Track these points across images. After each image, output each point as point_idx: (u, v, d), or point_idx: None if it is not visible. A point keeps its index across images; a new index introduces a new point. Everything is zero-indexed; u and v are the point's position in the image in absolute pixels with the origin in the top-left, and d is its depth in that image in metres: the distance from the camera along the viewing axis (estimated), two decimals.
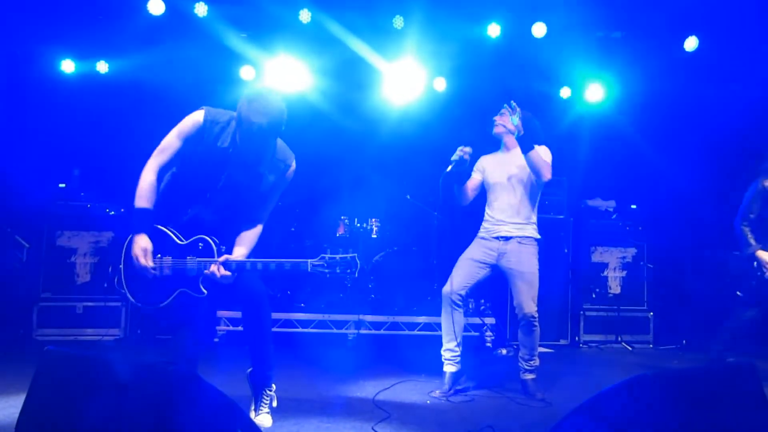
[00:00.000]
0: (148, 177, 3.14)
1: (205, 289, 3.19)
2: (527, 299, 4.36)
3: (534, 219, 4.50)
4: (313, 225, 6.68)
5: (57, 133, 6.75)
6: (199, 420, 1.76)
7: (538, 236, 4.49)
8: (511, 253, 4.39)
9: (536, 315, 4.37)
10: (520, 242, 4.40)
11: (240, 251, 3.29)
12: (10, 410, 3.61)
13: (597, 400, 1.89)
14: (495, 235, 4.46)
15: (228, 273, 3.15)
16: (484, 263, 4.45)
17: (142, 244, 3.09)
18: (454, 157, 4.29)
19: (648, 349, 6.80)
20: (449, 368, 4.46)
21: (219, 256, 3.19)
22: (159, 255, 3.18)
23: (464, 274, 4.44)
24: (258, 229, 3.40)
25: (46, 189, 6.44)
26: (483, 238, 4.52)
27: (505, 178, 4.48)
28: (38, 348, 5.72)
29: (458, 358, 4.47)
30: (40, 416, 1.92)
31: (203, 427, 1.78)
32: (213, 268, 3.13)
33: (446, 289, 4.46)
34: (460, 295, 4.42)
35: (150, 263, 3.11)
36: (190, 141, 3.20)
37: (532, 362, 4.46)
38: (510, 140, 4.53)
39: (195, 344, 3.34)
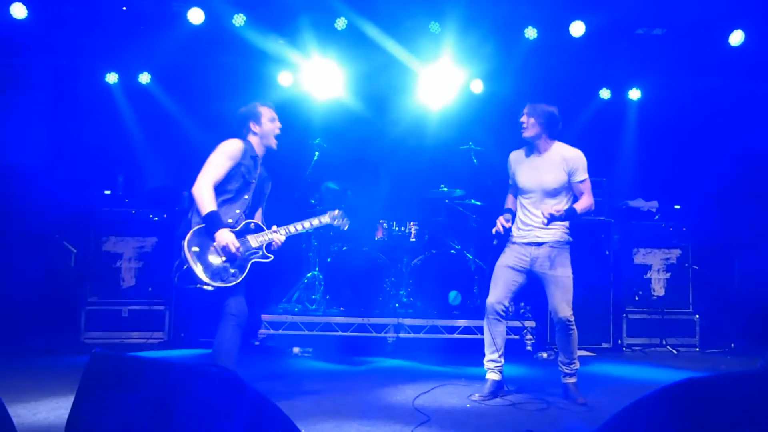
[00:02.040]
0: (207, 189, 3.80)
1: (270, 254, 4.00)
2: (562, 303, 4.29)
3: (566, 222, 4.39)
4: (351, 229, 6.70)
5: (102, 142, 6.93)
6: (240, 422, 1.79)
7: (570, 239, 4.39)
8: (544, 258, 4.32)
9: (572, 319, 4.30)
10: (552, 246, 4.32)
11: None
12: (60, 411, 3.72)
13: (642, 404, 1.85)
14: (526, 240, 4.39)
15: (284, 237, 4.07)
16: (520, 270, 4.39)
17: (228, 236, 3.76)
18: (495, 231, 4.44)
19: (694, 352, 6.63)
20: (492, 376, 4.43)
21: (269, 229, 4.06)
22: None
23: (504, 283, 4.40)
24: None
25: (92, 196, 6.61)
26: (514, 243, 4.45)
27: (536, 185, 4.38)
28: (86, 350, 5.87)
29: (501, 367, 4.44)
30: (89, 417, 1.97)
31: (245, 430, 1.80)
32: (275, 236, 4.01)
33: (489, 300, 4.42)
34: (504, 305, 4.38)
35: (240, 246, 3.80)
36: (236, 160, 3.93)
37: (571, 366, 4.39)
38: (542, 144, 4.42)
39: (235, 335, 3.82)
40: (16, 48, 6.60)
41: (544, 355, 6.13)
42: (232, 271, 3.78)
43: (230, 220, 3.88)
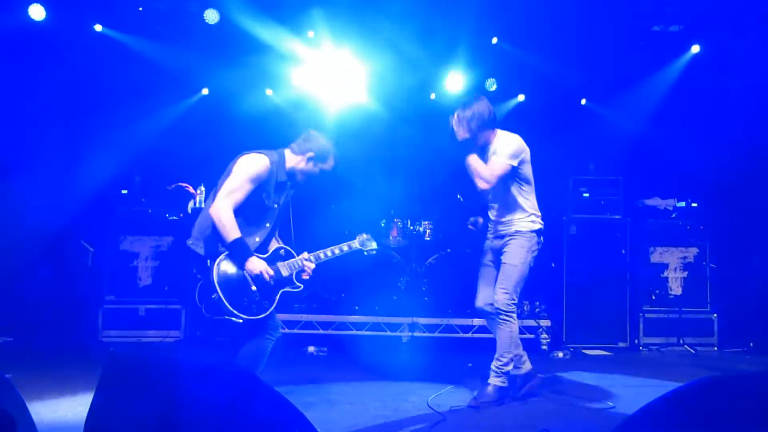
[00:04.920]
0: (228, 213, 3.52)
1: (300, 283, 3.80)
2: (498, 290, 4.18)
3: (528, 210, 4.25)
4: (366, 228, 6.70)
5: (118, 142, 6.98)
6: (257, 420, 1.80)
7: (536, 227, 4.26)
8: (506, 247, 4.24)
9: (505, 309, 4.12)
10: (512, 237, 4.23)
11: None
12: (78, 409, 3.75)
13: (658, 404, 1.84)
14: (493, 235, 4.37)
15: (314, 265, 3.85)
16: (493, 263, 4.36)
17: (260, 264, 3.58)
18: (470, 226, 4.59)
19: (712, 351, 6.56)
20: (514, 372, 4.30)
21: (299, 255, 3.83)
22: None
23: (485, 283, 4.37)
24: None
25: (109, 195, 6.67)
26: (488, 238, 4.44)
27: None
28: (104, 349, 5.93)
29: (520, 360, 4.31)
30: (107, 414, 1.99)
31: (261, 428, 1.81)
32: (306, 263, 3.80)
33: (476, 303, 4.40)
34: (491, 304, 4.28)
35: (274, 275, 3.63)
36: (259, 182, 3.64)
37: (498, 364, 4.17)
38: (485, 139, 4.28)
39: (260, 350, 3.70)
40: (35, 48, 6.67)
41: (560, 354, 6.09)
42: (262, 302, 3.60)
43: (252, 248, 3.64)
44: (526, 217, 4.26)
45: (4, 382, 2.06)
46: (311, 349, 6.03)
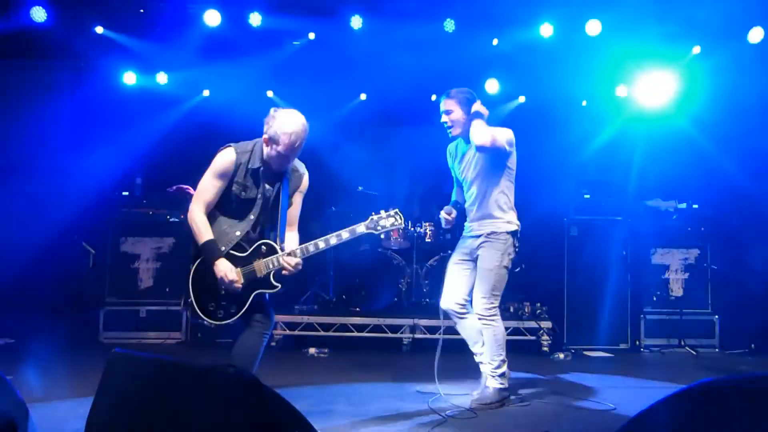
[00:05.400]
0: (199, 216, 3.39)
1: (277, 283, 3.42)
2: (476, 296, 4.17)
3: (505, 211, 4.21)
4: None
5: (120, 144, 6.99)
6: (257, 423, 1.79)
7: (512, 228, 4.19)
8: (480, 250, 4.20)
9: (485, 314, 4.13)
10: (487, 238, 4.18)
11: (293, 245, 3.51)
12: (79, 410, 3.73)
13: (659, 406, 1.84)
14: (469, 234, 4.31)
15: (299, 260, 3.39)
16: (466, 262, 4.29)
17: (224, 267, 3.32)
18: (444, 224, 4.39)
19: (714, 353, 6.55)
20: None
21: (283, 251, 3.43)
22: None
23: (454, 283, 4.30)
24: (296, 232, 3.64)
25: (111, 197, 6.67)
26: (462, 236, 4.39)
27: (470, 174, 4.27)
28: (105, 350, 5.93)
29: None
30: (108, 416, 1.99)
31: (261, 429, 1.81)
32: (285, 260, 3.36)
33: (441, 303, 4.33)
34: (460, 304, 4.26)
35: (238, 279, 3.34)
36: (227, 176, 3.42)
37: (490, 367, 4.17)
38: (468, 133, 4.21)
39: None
40: (36, 50, 6.68)
41: (561, 355, 6.08)
42: (230, 307, 3.38)
43: (223, 247, 3.39)
44: (503, 218, 4.20)
45: (5, 383, 2.06)
46: (312, 350, 6.03)
